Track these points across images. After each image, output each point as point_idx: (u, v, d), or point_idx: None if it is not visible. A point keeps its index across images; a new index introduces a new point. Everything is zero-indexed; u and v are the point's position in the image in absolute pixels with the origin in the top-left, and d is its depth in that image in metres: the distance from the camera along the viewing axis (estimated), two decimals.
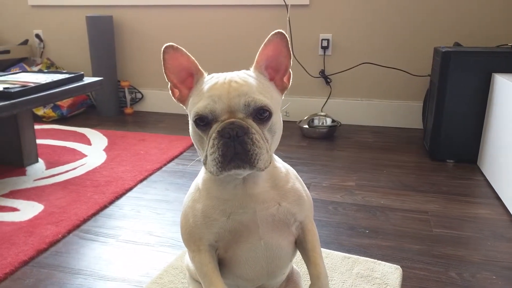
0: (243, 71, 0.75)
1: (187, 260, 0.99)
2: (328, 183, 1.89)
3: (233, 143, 0.67)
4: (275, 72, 0.78)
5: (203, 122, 0.70)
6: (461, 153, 2.12)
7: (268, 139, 0.71)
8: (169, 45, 0.75)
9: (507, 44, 2.29)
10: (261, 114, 0.70)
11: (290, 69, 0.79)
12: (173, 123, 2.88)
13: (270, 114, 0.71)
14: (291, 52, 0.78)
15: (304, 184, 0.86)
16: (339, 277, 1.19)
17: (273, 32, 0.75)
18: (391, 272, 1.21)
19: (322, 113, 2.69)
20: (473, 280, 1.22)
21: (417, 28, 2.59)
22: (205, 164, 0.71)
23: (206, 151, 0.70)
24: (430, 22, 2.56)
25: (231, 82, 0.71)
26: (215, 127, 0.69)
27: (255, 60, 0.76)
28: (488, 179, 1.89)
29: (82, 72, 2.05)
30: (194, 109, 0.71)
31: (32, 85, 1.78)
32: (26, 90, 1.72)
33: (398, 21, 2.61)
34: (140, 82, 3.19)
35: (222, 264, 0.81)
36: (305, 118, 2.65)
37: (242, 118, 0.69)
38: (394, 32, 2.63)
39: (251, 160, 0.68)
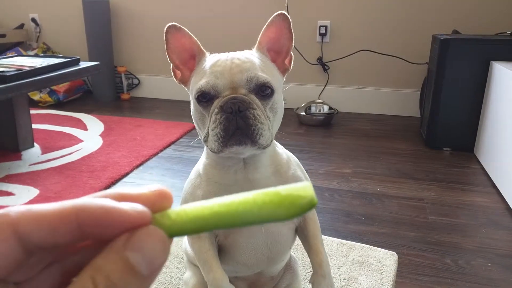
0: (246, 51, 0.75)
1: (185, 244, 0.98)
2: (324, 170, 1.89)
3: (235, 117, 0.66)
4: (276, 55, 0.77)
5: (205, 98, 0.69)
6: (458, 141, 2.12)
7: (269, 117, 0.70)
8: (172, 25, 0.74)
9: (506, 32, 2.27)
10: (263, 91, 0.69)
11: (291, 52, 0.78)
12: (169, 109, 2.87)
13: (272, 92, 0.70)
14: (292, 35, 0.78)
15: (305, 172, 0.84)
16: (334, 263, 1.20)
17: (275, 14, 0.74)
18: (387, 259, 1.21)
19: (319, 101, 2.69)
20: (468, 267, 1.23)
21: (415, 15, 2.57)
22: (205, 141, 0.71)
23: (208, 128, 0.69)
24: (428, 9, 2.54)
25: (233, 59, 0.70)
26: (217, 103, 0.68)
27: (258, 41, 0.76)
28: (485, 167, 1.90)
29: (78, 57, 2.03)
30: (196, 86, 0.70)
31: (28, 69, 1.76)
32: (21, 73, 1.71)
33: (397, 8, 2.59)
34: (136, 68, 3.16)
35: (222, 251, 0.80)
36: (302, 105, 2.64)
37: (245, 94, 0.68)
38: (392, 19, 2.61)
39: (253, 135, 0.67)
